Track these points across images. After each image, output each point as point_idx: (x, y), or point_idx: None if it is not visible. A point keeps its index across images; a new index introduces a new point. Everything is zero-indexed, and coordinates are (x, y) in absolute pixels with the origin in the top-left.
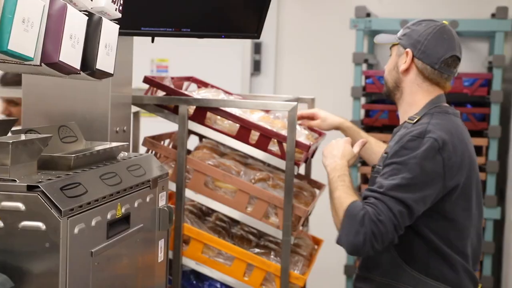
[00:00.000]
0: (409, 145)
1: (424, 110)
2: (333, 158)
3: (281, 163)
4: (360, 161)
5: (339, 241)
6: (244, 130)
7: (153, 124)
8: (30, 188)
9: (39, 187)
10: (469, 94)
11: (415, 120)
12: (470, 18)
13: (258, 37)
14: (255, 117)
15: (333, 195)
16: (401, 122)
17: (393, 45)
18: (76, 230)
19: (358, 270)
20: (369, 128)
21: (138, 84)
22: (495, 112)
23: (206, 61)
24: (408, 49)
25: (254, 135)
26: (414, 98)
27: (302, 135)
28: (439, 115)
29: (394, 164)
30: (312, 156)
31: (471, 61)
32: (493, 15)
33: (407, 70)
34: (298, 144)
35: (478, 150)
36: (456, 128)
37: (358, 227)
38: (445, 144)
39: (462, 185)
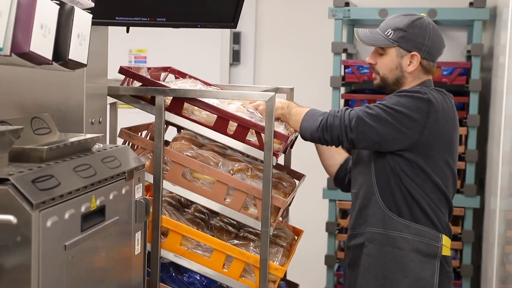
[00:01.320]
0: (403, 93)
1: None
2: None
3: (259, 154)
4: None
5: (301, 130)
6: (222, 120)
7: (131, 116)
8: (1, 181)
9: (10, 180)
10: (448, 83)
11: None
12: (449, 7)
13: (235, 27)
14: (233, 107)
15: (301, 117)
16: None
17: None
18: (48, 223)
19: (350, 230)
20: None
21: (116, 75)
22: (474, 101)
23: (185, 52)
24: (414, 52)
25: (232, 126)
26: (412, 85)
27: (281, 126)
28: (433, 90)
29: (381, 104)
30: (291, 147)
31: (450, 50)
32: (471, 4)
33: (412, 71)
34: (277, 135)
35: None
36: (448, 105)
37: (318, 116)
38: (437, 108)
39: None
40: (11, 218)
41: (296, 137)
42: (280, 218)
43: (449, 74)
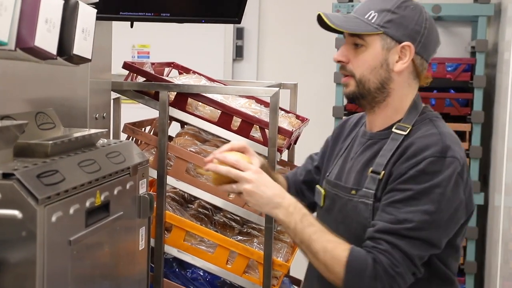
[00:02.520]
0: (430, 168)
1: (413, 115)
2: (271, 201)
3: (263, 150)
4: None
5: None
6: (226, 116)
7: (134, 111)
8: (6, 176)
9: (15, 175)
10: (452, 79)
11: (407, 131)
12: (453, 3)
13: (239, 22)
14: (237, 103)
15: (313, 249)
16: (375, 129)
17: (364, 34)
18: (53, 219)
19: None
20: (352, 113)
21: (119, 70)
22: (478, 97)
23: (188, 47)
24: (407, 43)
25: (236, 121)
26: (403, 100)
27: (285, 121)
28: (438, 121)
29: (410, 192)
30: (295, 143)
31: (454, 46)
32: (475, 0)
33: (401, 70)
34: (281, 130)
35: (462, 135)
36: (457, 137)
37: (371, 283)
38: (464, 165)
39: (473, 209)
40: (16, 213)
41: (299, 133)
42: None
43: (453, 70)
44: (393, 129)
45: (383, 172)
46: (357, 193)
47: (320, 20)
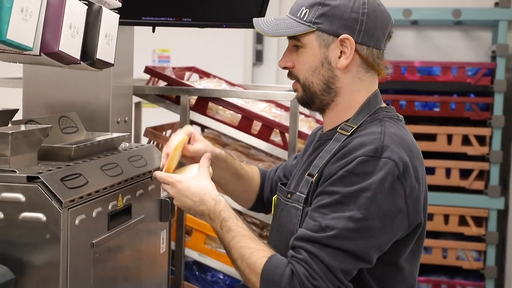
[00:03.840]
0: (360, 169)
1: (363, 114)
2: (194, 210)
3: (283, 154)
4: None
5: None
6: (246, 120)
7: (155, 115)
8: (30, 179)
9: (39, 178)
10: (472, 84)
11: (350, 131)
12: (473, 7)
13: None
14: (257, 107)
15: (232, 256)
16: (326, 129)
17: (299, 35)
18: (76, 221)
19: None
20: None
21: (139, 74)
22: (498, 102)
23: (208, 51)
24: (345, 35)
25: (256, 126)
26: (354, 98)
27: (305, 125)
28: (391, 122)
29: (337, 195)
30: None
31: (475, 50)
32: (496, 4)
33: (346, 66)
34: (301, 134)
35: (482, 139)
36: (413, 142)
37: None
38: (406, 169)
39: (423, 223)
40: (40, 215)
41: None
42: None
43: (474, 75)
44: (338, 129)
45: (316, 174)
46: (291, 197)
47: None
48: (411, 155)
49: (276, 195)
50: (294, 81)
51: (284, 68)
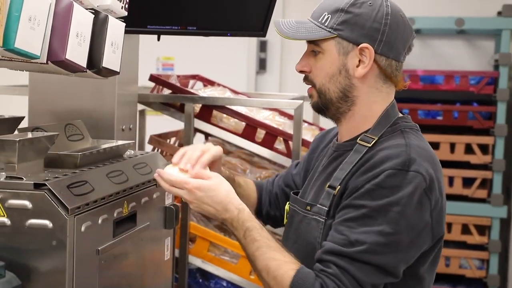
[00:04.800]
0: (388, 182)
1: (382, 125)
2: (216, 217)
3: (287, 161)
4: None
5: None
6: (250, 128)
7: (159, 122)
8: (37, 186)
9: (46, 185)
10: (475, 92)
11: (372, 143)
12: (476, 16)
13: (264, 35)
14: (261, 115)
15: (256, 267)
16: (342, 140)
17: (319, 40)
18: (82, 228)
19: None
20: None
21: (144, 82)
22: (501, 111)
23: (211, 59)
24: (364, 44)
25: (260, 133)
26: (372, 108)
27: (308, 133)
28: (412, 133)
29: (364, 209)
30: None
31: (477, 59)
32: (499, 13)
33: (364, 75)
34: (304, 142)
35: (485, 148)
36: (434, 154)
37: None
38: (432, 182)
39: (442, 235)
40: (47, 222)
41: None
42: None
43: (477, 83)
44: (358, 140)
45: (338, 187)
46: (311, 209)
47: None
48: (435, 168)
49: (288, 204)
50: (310, 86)
51: (301, 72)
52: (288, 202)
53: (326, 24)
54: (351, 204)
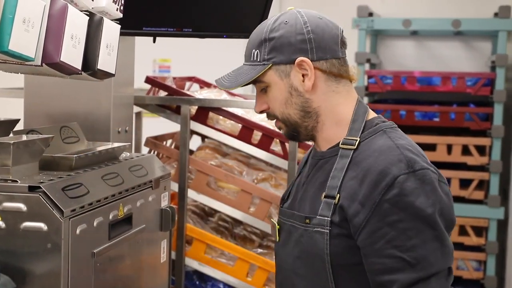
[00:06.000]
0: (406, 188)
1: (357, 125)
2: None
3: (283, 163)
4: None
5: None
6: (246, 130)
7: (155, 124)
8: (32, 188)
9: (41, 188)
10: (472, 94)
11: (355, 144)
12: (473, 18)
13: None
14: (257, 117)
15: None
16: (323, 148)
17: (259, 76)
18: (78, 231)
19: None
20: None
21: (140, 84)
22: (498, 112)
23: (208, 61)
24: (299, 58)
25: (257, 135)
26: (338, 111)
27: None
28: (394, 132)
29: (400, 223)
30: None
31: (474, 60)
32: (495, 14)
33: (313, 85)
34: (301, 144)
35: (482, 149)
36: (418, 147)
37: None
38: (437, 170)
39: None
40: (41, 225)
41: None
42: None
43: (473, 85)
44: (340, 145)
45: (338, 195)
46: (311, 221)
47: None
48: (425, 159)
49: (277, 220)
50: (275, 120)
51: (261, 112)
52: (273, 220)
53: (258, 60)
54: (384, 223)
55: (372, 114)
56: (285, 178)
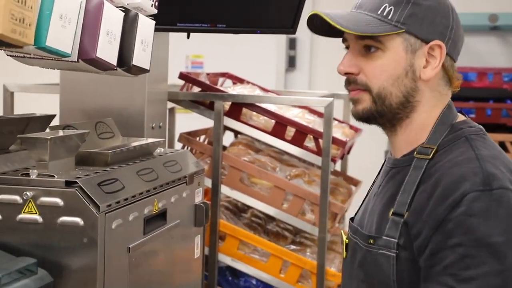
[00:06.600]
0: (475, 208)
1: (440, 131)
2: None
3: (317, 159)
4: None
5: None
6: (280, 126)
7: (188, 121)
8: (68, 183)
9: (77, 183)
10: (508, 90)
11: (431, 154)
12: (510, 12)
13: (294, 32)
14: (290, 113)
15: None
16: (399, 154)
17: (383, 35)
18: (113, 226)
19: None
20: None
21: (173, 80)
22: None
23: (240, 57)
24: (436, 41)
25: (290, 131)
26: (431, 114)
27: (339, 131)
28: (479, 140)
29: (461, 248)
30: (348, 153)
31: (511, 56)
32: None
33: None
34: (335, 140)
35: None
36: (508, 158)
37: None
38: None
39: None
40: (78, 220)
41: (353, 144)
42: (337, 224)
43: (510, 81)
44: (415, 154)
45: (406, 213)
46: (375, 242)
47: (314, 21)
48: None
49: (346, 234)
50: (357, 90)
51: (346, 74)
52: (347, 232)
53: (389, 18)
54: (445, 246)
55: (460, 118)
56: (318, 174)
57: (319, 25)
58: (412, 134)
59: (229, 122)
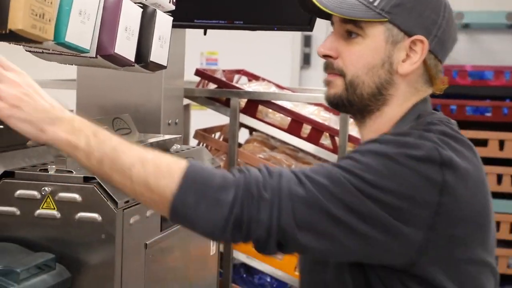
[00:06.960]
0: (383, 138)
1: (406, 122)
2: (47, 114)
3: (333, 157)
4: None
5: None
6: (296, 123)
7: (203, 117)
8: (87, 179)
9: (95, 179)
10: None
11: None
12: None
13: (311, 30)
14: (306, 110)
15: (122, 164)
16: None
17: (364, 21)
18: (131, 222)
19: None
20: None
21: (188, 77)
22: None
23: (255, 54)
24: (419, 36)
25: (306, 129)
26: (403, 108)
27: (354, 129)
28: (441, 125)
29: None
30: None
31: None
32: None
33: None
34: (351, 138)
35: None
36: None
37: (217, 193)
38: (450, 164)
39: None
40: (96, 216)
41: None
42: None
43: None
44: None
45: None
46: None
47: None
48: (465, 153)
49: None
50: (331, 73)
51: (324, 56)
52: None
53: (375, 4)
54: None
55: (431, 113)
56: None
57: (311, 5)
58: (380, 126)
59: (244, 119)
